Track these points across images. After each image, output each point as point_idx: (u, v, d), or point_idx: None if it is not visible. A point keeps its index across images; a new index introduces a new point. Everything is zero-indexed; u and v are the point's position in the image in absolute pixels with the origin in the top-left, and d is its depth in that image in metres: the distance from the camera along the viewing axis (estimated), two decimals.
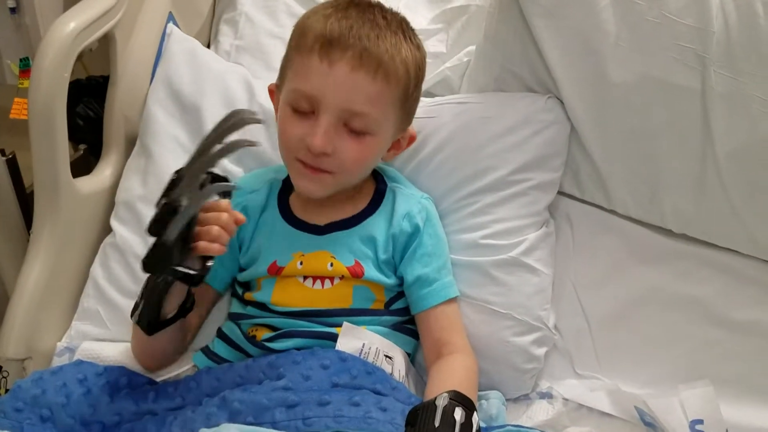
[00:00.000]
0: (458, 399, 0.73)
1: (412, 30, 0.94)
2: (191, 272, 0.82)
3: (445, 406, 0.71)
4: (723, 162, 1.01)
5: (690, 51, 0.97)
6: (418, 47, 0.93)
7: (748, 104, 0.97)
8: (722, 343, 1.04)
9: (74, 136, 1.44)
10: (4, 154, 1.24)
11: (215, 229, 0.82)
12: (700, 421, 0.92)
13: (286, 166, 0.96)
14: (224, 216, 0.83)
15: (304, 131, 0.88)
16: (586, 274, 1.09)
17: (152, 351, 0.96)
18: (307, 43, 0.88)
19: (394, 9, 0.96)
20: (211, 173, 0.83)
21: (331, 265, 0.94)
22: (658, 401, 0.94)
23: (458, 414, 0.71)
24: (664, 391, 0.96)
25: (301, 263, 0.94)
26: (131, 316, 0.90)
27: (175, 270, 0.81)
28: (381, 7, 0.93)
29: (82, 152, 1.42)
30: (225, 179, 0.85)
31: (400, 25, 0.91)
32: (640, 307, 1.07)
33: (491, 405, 0.95)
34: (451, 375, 0.90)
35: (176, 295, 0.89)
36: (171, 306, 0.89)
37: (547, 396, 1.01)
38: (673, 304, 1.06)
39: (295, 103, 0.89)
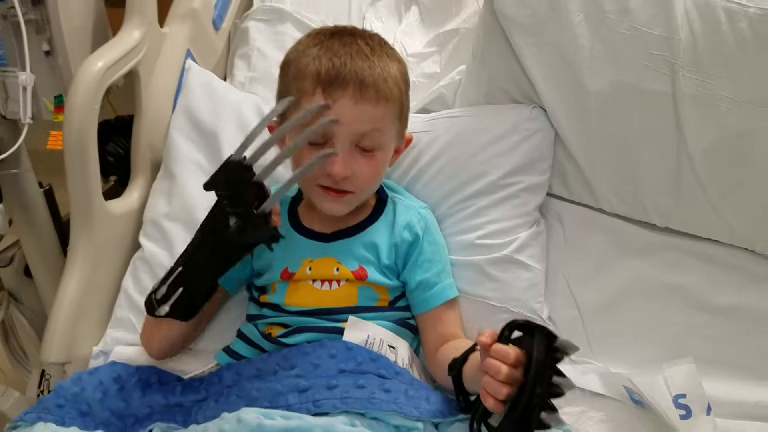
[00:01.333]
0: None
1: (390, 46, 1.02)
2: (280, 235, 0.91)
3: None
4: (697, 159, 1.08)
5: (660, 58, 1.05)
6: (399, 60, 1.02)
7: (716, 104, 1.05)
8: (706, 326, 1.11)
9: (105, 171, 1.57)
10: (42, 186, 1.37)
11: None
12: (683, 395, 0.99)
13: (305, 191, 1.06)
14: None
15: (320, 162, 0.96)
16: (577, 268, 1.16)
17: (166, 339, 1.04)
18: (306, 86, 0.95)
19: (379, 30, 1.06)
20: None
21: (337, 269, 1.02)
22: (643, 379, 1.01)
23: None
24: (651, 371, 1.03)
25: (309, 269, 1.03)
26: (151, 311, 0.97)
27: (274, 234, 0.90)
28: (359, 33, 1.01)
29: (112, 183, 1.54)
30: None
31: (381, 46, 1.00)
32: (628, 296, 1.14)
33: None
34: (464, 344, 0.96)
35: None
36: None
37: None
38: (659, 293, 1.13)
39: (310, 138, 0.96)
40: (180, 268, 0.95)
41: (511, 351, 0.79)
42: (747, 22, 1.02)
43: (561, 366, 0.77)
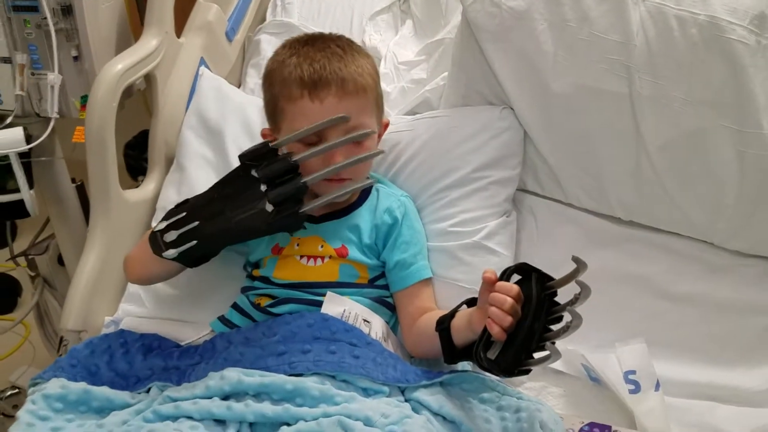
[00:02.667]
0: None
1: (356, 44, 1.15)
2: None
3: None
4: (654, 155, 1.16)
5: (617, 62, 1.14)
6: (366, 55, 1.14)
7: (670, 103, 1.13)
8: (666, 313, 1.18)
9: (137, 173, 1.72)
10: (74, 182, 1.53)
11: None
12: (633, 372, 1.07)
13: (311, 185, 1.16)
14: None
15: (319, 158, 1.05)
16: (548, 258, 1.21)
17: (155, 275, 1.16)
18: (293, 92, 1.06)
19: (376, 42, 1.17)
20: None
21: (321, 246, 1.13)
22: (596, 356, 1.09)
23: None
24: (608, 351, 1.11)
25: (297, 245, 1.14)
26: (156, 250, 1.05)
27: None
28: (329, 37, 1.14)
29: (140, 183, 1.70)
30: None
31: (350, 46, 1.12)
32: (593, 283, 1.17)
33: (457, 365, 1.12)
34: (440, 314, 1.06)
35: None
36: None
37: None
38: (623, 281, 1.21)
39: (305, 139, 1.06)
40: (196, 223, 1.03)
41: (514, 286, 0.91)
42: (697, 29, 1.10)
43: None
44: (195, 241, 1.03)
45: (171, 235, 1.05)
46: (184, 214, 1.05)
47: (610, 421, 1.03)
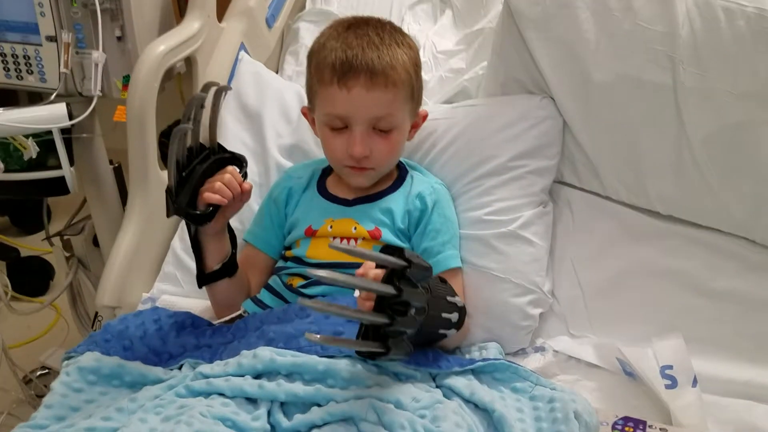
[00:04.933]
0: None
1: (401, 32, 1.14)
2: (193, 212, 1.04)
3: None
4: (696, 147, 1.15)
5: (661, 53, 1.13)
6: (410, 46, 1.13)
7: (714, 96, 1.11)
8: (702, 309, 1.16)
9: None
10: (112, 164, 1.55)
11: (217, 185, 1.03)
12: (670, 367, 1.05)
13: (334, 168, 1.18)
14: (227, 176, 1.04)
15: (343, 143, 1.09)
16: (583, 251, 1.24)
17: (217, 301, 1.17)
18: (324, 76, 1.08)
19: (415, 32, 1.18)
20: (222, 148, 1.07)
21: (355, 228, 1.14)
22: (633, 350, 1.07)
23: None
24: (644, 346, 1.10)
25: (331, 227, 1.15)
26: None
27: (179, 209, 1.03)
28: (373, 23, 1.13)
29: None
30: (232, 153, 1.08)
31: (392, 35, 1.11)
32: (629, 278, 1.20)
33: (489, 353, 1.12)
34: None
35: (212, 251, 1.10)
36: (212, 260, 1.11)
37: (541, 350, 1.15)
38: (660, 276, 1.19)
39: (331, 123, 1.10)
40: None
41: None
42: (745, 21, 1.09)
43: None
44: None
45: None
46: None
47: (645, 416, 1.01)
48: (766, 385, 1.07)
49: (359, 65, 1.06)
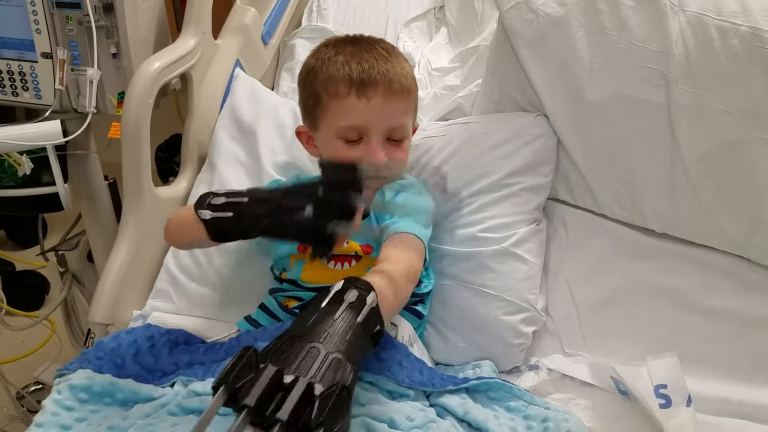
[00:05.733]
0: (353, 282, 0.80)
1: (397, 49, 1.15)
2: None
3: (338, 290, 0.78)
4: (690, 166, 1.15)
5: (655, 71, 1.13)
6: (406, 60, 1.15)
7: (708, 114, 1.11)
8: (697, 327, 1.16)
9: (167, 175, 1.74)
10: (107, 179, 1.55)
11: None
12: (664, 386, 1.04)
13: None
14: None
15: (360, 154, 1.08)
16: (577, 269, 1.23)
17: (187, 242, 1.13)
18: (339, 89, 1.07)
19: (410, 49, 1.17)
20: None
21: (347, 243, 1.13)
22: (627, 368, 1.07)
23: (350, 294, 0.78)
24: (638, 365, 1.09)
25: None
26: (198, 206, 0.98)
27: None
28: (374, 40, 1.15)
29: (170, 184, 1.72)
30: None
31: (393, 49, 1.13)
32: (624, 295, 1.20)
33: (483, 371, 1.11)
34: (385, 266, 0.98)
35: None
36: None
37: (534, 368, 1.15)
38: (653, 294, 1.19)
39: (346, 136, 1.08)
40: (246, 199, 0.96)
41: None
42: (738, 40, 1.09)
43: None
44: (231, 213, 0.96)
45: (219, 199, 0.98)
46: (244, 191, 0.99)
47: None
48: (760, 404, 1.07)
49: (377, 76, 1.07)
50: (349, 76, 1.07)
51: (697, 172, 1.15)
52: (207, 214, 0.97)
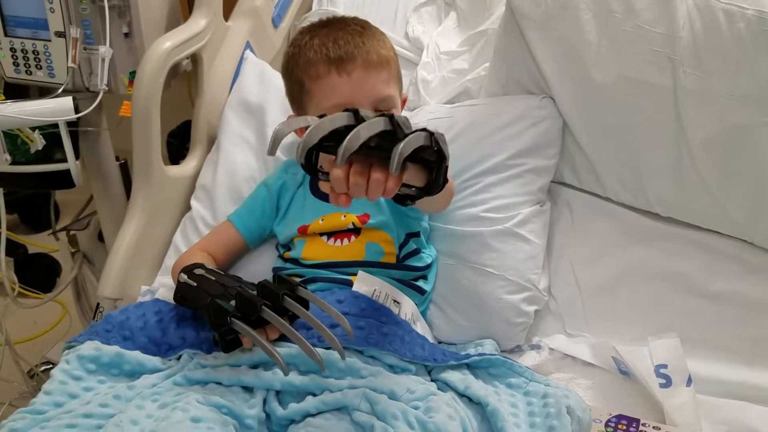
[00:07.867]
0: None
1: (370, 23, 1.16)
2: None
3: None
4: (696, 150, 1.15)
5: (662, 54, 1.13)
6: (382, 33, 1.16)
7: (714, 98, 1.12)
8: (701, 311, 1.16)
9: (177, 160, 1.76)
10: (118, 160, 1.57)
11: None
12: (665, 366, 1.05)
13: None
14: None
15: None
16: (581, 252, 1.24)
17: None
18: (320, 70, 1.08)
19: (419, 33, 1.19)
20: None
21: (344, 216, 1.14)
22: (628, 348, 1.08)
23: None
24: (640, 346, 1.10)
25: (322, 220, 1.16)
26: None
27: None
28: (346, 18, 1.16)
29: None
30: None
31: (367, 24, 1.15)
32: (627, 279, 1.20)
33: (485, 349, 1.12)
34: None
35: None
36: None
37: (536, 347, 1.16)
38: (657, 277, 1.19)
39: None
40: (194, 284, 1.06)
41: None
42: (745, 23, 1.09)
43: None
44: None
45: (182, 277, 1.09)
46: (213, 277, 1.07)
47: (639, 415, 1.01)
48: (760, 386, 1.07)
49: (354, 50, 1.08)
50: (327, 55, 1.08)
51: (703, 156, 1.15)
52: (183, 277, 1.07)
